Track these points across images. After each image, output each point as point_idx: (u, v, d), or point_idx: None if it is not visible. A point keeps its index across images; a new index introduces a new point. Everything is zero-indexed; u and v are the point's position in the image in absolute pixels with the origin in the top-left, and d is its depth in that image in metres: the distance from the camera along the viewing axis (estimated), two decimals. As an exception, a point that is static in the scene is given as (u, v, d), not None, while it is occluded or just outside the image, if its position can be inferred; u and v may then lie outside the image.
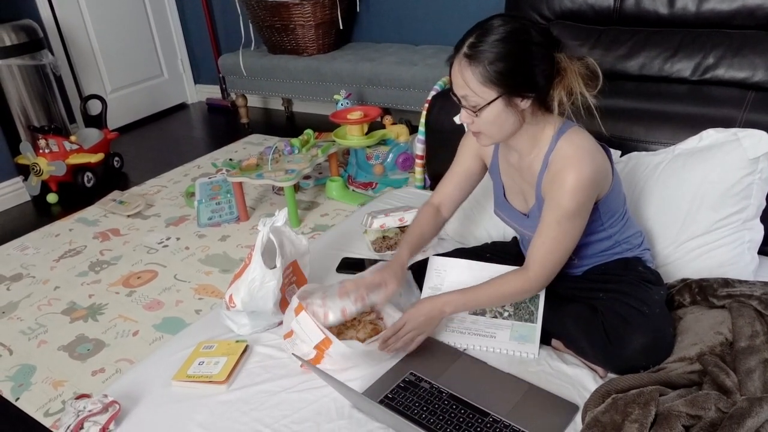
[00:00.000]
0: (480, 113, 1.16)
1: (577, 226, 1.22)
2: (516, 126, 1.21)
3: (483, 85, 1.13)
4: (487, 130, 1.20)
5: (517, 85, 1.14)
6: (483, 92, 1.14)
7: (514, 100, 1.16)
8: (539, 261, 1.25)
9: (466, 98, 1.16)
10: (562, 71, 1.18)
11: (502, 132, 1.21)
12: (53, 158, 2.91)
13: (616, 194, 1.31)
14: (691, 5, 1.96)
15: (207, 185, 2.70)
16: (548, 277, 1.27)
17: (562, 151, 1.21)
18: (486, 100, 1.14)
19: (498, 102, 1.15)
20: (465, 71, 1.14)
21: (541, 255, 1.24)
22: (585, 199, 1.19)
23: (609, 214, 1.30)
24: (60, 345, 1.92)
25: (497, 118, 1.17)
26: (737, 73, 1.83)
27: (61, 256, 2.45)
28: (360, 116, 2.62)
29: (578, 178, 1.17)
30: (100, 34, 3.77)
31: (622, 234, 1.35)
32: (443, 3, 3.24)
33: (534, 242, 1.26)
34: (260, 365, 1.36)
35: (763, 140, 1.41)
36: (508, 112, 1.17)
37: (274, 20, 3.36)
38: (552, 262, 1.25)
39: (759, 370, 1.06)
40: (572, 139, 1.21)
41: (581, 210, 1.20)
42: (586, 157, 1.18)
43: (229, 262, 2.28)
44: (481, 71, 1.12)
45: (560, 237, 1.22)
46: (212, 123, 4.08)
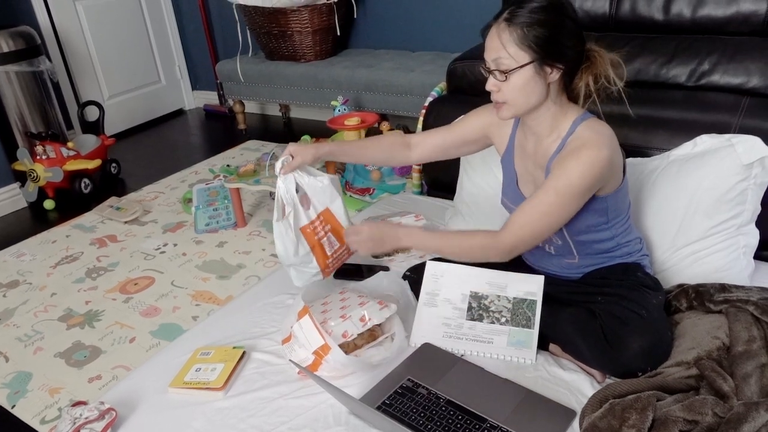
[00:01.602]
0: (510, 76, 1.19)
1: (571, 205, 1.21)
2: (540, 98, 1.23)
3: (519, 47, 1.16)
4: (513, 97, 1.22)
5: (550, 53, 1.17)
6: (517, 54, 1.17)
7: (544, 69, 1.19)
8: (517, 222, 1.23)
9: (499, 61, 1.19)
10: (592, 57, 1.23)
11: (527, 102, 1.22)
12: (50, 164, 2.91)
13: (623, 195, 1.32)
14: (687, 11, 1.97)
15: (204, 191, 2.70)
16: (518, 244, 1.24)
17: (582, 134, 1.23)
18: (519, 62, 1.17)
19: (530, 67, 1.18)
20: (503, 33, 1.17)
21: (522, 218, 1.23)
22: (592, 180, 1.19)
23: (615, 213, 1.31)
24: (56, 352, 1.91)
25: (526, 84, 1.19)
26: (732, 79, 1.83)
27: (57, 263, 2.44)
28: (357, 122, 2.63)
29: (595, 156, 1.18)
30: (97, 41, 3.77)
31: (624, 237, 1.36)
32: (440, 10, 3.25)
33: (521, 205, 1.25)
34: (257, 371, 1.35)
35: (756, 146, 1.42)
36: (537, 81, 1.19)
37: (271, 27, 3.37)
38: (529, 230, 1.23)
39: (756, 374, 1.06)
40: (592, 126, 1.24)
41: (583, 190, 1.19)
42: (606, 141, 1.20)
43: (227, 268, 2.28)
44: (519, 33, 1.16)
45: (553, 206, 1.20)
46: (210, 129, 4.09)
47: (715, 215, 1.45)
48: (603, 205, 1.28)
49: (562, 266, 1.41)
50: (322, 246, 1.47)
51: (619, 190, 1.28)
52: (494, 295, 1.40)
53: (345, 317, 1.34)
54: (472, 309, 1.39)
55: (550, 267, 1.43)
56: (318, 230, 1.46)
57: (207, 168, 3.27)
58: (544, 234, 1.25)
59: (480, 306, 1.39)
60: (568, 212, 1.23)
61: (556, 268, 1.43)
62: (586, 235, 1.31)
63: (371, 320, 1.34)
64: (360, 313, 1.34)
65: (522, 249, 1.27)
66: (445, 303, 1.42)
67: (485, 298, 1.40)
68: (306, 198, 1.47)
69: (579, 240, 1.33)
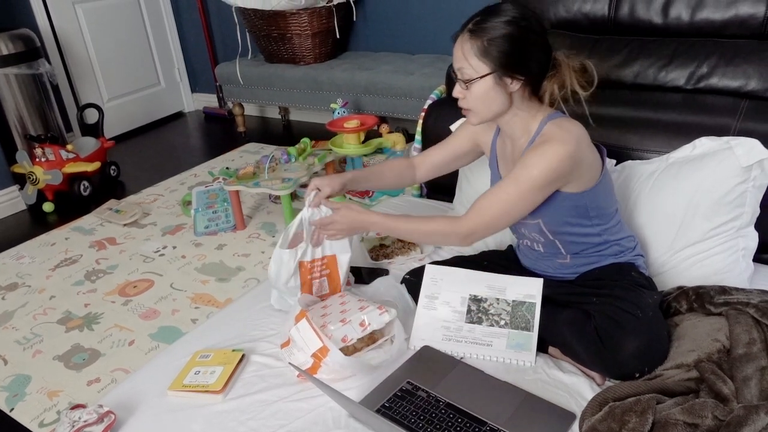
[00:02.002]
0: (471, 86, 1.24)
1: (529, 198, 1.24)
2: (503, 107, 1.27)
3: (478, 58, 1.21)
4: (476, 106, 1.27)
5: (510, 65, 1.21)
6: (477, 65, 1.22)
7: (504, 80, 1.23)
8: (477, 208, 1.28)
9: (462, 71, 1.24)
10: (557, 66, 1.26)
11: (489, 110, 1.27)
12: (50, 167, 2.91)
13: (604, 191, 1.33)
14: (685, 15, 1.98)
15: (204, 194, 2.70)
16: (477, 229, 1.28)
17: (547, 131, 1.26)
18: (479, 73, 1.22)
19: (489, 78, 1.22)
20: (465, 44, 1.22)
21: (483, 204, 1.28)
22: (552, 174, 1.22)
23: (597, 211, 1.32)
24: (55, 354, 1.91)
25: (486, 94, 1.24)
26: (731, 82, 1.84)
27: (56, 265, 2.44)
28: (357, 125, 2.63)
29: (556, 151, 1.21)
30: (97, 43, 3.78)
31: (613, 234, 1.37)
32: (439, 13, 3.26)
33: (484, 193, 1.29)
34: (257, 374, 1.35)
35: (755, 148, 1.42)
36: (497, 91, 1.24)
37: (271, 29, 3.38)
38: (488, 216, 1.27)
39: (756, 377, 1.06)
40: (560, 123, 1.26)
41: (543, 182, 1.22)
42: (571, 138, 1.23)
43: (226, 271, 2.28)
44: (479, 45, 1.20)
45: (511, 196, 1.25)
46: (209, 132, 4.09)
47: (714, 217, 1.45)
48: (580, 202, 1.30)
49: (555, 267, 1.42)
50: (311, 286, 1.48)
51: (596, 187, 1.30)
52: (493, 298, 1.40)
53: (345, 321, 1.34)
54: (471, 312, 1.39)
55: (546, 269, 1.44)
56: (315, 270, 1.48)
57: (206, 170, 3.27)
58: (502, 221, 1.28)
59: (479, 309, 1.39)
60: (527, 203, 1.26)
61: (550, 270, 1.43)
62: (568, 230, 1.33)
63: (371, 325, 1.33)
64: (360, 318, 1.34)
65: (480, 234, 1.31)
66: (444, 306, 1.42)
67: (484, 301, 1.40)
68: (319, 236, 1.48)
69: (561, 237, 1.35)
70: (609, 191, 1.36)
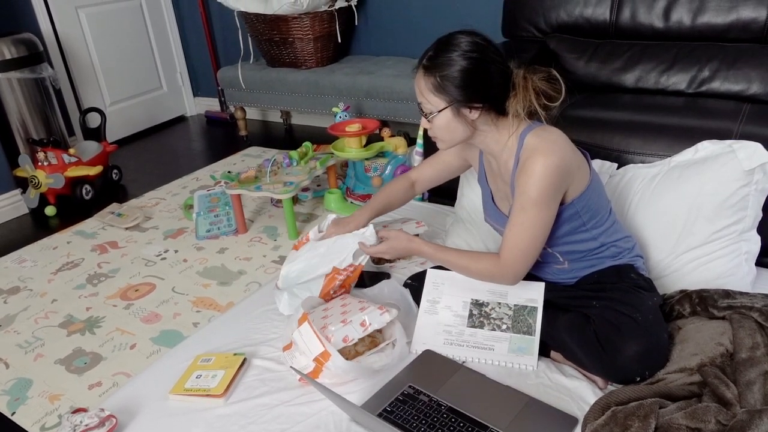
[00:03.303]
0: (432, 120, 1.27)
1: (542, 215, 1.25)
2: (466, 134, 1.29)
3: (434, 94, 1.24)
4: (441, 135, 1.30)
5: (466, 97, 1.23)
6: (434, 101, 1.24)
7: (462, 111, 1.25)
8: (508, 247, 1.30)
9: (422, 105, 1.28)
10: (517, 86, 1.25)
11: (453, 138, 1.30)
12: (52, 171, 2.91)
13: (595, 195, 1.33)
14: (686, 19, 1.98)
15: (205, 197, 2.70)
16: (517, 265, 1.29)
17: (530, 145, 1.26)
18: (437, 108, 1.25)
19: (447, 111, 1.25)
20: (420, 81, 1.25)
21: (510, 242, 1.29)
22: (549, 188, 1.22)
23: (590, 214, 1.32)
24: (57, 358, 1.91)
25: (447, 125, 1.27)
26: (733, 86, 1.84)
27: (58, 269, 2.44)
28: (358, 129, 2.63)
29: (543, 165, 1.21)
30: (99, 48, 3.79)
31: (610, 236, 1.36)
32: (441, 16, 3.27)
33: (504, 234, 1.31)
34: (258, 378, 1.35)
35: (758, 152, 1.42)
36: (458, 121, 1.26)
37: (272, 34, 3.38)
38: (520, 250, 1.28)
39: (759, 382, 1.06)
40: (539, 134, 1.26)
41: (546, 198, 1.23)
42: (553, 147, 1.23)
43: (228, 275, 2.28)
44: (433, 81, 1.23)
45: (526, 223, 1.25)
46: (211, 135, 4.10)
47: (716, 221, 1.45)
48: (572, 210, 1.30)
49: (554, 273, 1.42)
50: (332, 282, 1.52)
51: (586, 192, 1.30)
52: (495, 302, 1.39)
53: (345, 322, 1.33)
54: (473, 316, 1.39)
55: (545, 275, 1.44)
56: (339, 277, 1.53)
57: (208, 174, 3.27)
58: (534, 249, 1.29)
59: (481, 313, 1.39)
60: (543, 221, 1.26)
61: (550, 276, 1.43)
62: (564, 239, 1.33)
63: (372, 325, 1.33)
64: (360, 318, 1.34)
65: (523, 269, 1.31)
66: (445, 310, 1.42)
67: (486, 305, 1.40)
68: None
69: (559, 248, 1.36)
70: (600, 193, 1.35)
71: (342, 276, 1.51)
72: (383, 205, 1.62)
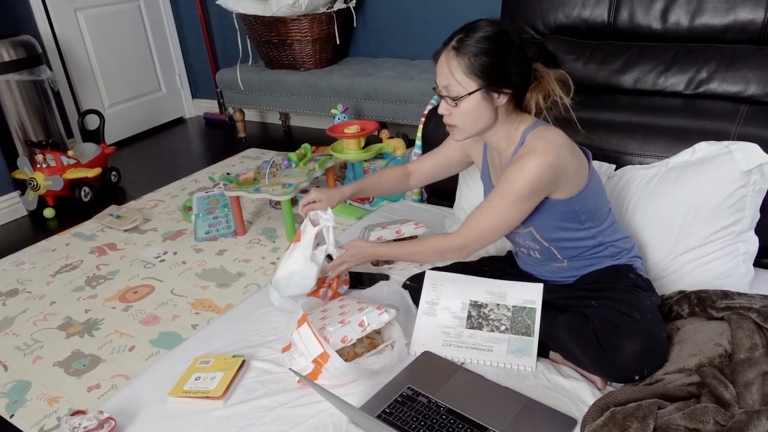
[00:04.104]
0: (459, 103, 1.25)
1: (515, 209, 1.27)
2: (490, 121, 1.29)
3: (466, 75, 1.23)
4: (463, 122, 1.29)
5: (497, 80, 1.24)
6: (465, 82, 1.23)
7: (491, 95, 1.25)
8: (468, 222, 1.34)
9: (449, 88, 1.26)
10: (539, 77, 1.29)
11: (476, 125, 1.30)
12: (50, 173, 2.92)
13: (594, 194, 1.34)
14: (684, 20, 1.98)
15: (204, 199, 2.70)
16: (469, 242, 1.34)
17: (529, 143, 1.28)
18: (467, 90, 1.24)
19: (477, 94, 1.24)
20: (452, 61, 1.24)
21: (473, 218, 1.33)
22: (534, 185, 1.24)
23: (588, 214, 1.33)
24: (55, 361, 1.91)
25: (474, 110, 1.26)
26: (730, 87, 1.84)
27: (57, 271, 2.44)
28: (357, 130, 2.64)
29: (536, 162, 1.22)
30: (98, 50, 3.79)
31: (608, 236, 1.37)
32: (439, 18, 3.27)
33: (475, 209, 1.33)
34: (257, 380, 1.35)
35: (755, 153, 1.42)
36: (485, 106, 1.26)
37: (271, 35, 3.39)
38: (479, 229, 1.32)
39: (758, 382, 1.06)
40: (540, 134, 1.28)
41: (526, 194, 1.25)
42: (552, 148, 1.24)
43: (226, 276, 2.28)
44: (466, 62, 1.22)
45: (496, 209, 1.28)
46: (210, 137, 4.10)
47: (714, 222, 1.45)
48: (569, 207, 1.31)
49: (554, 272, 1.43)
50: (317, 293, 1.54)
51: (584, 191, 1.31)
52: (494, 303, 1.39)
53: (344, 322, 1.33)
54: (471, 317, 1.39)
55: (544, 274, 1.45)
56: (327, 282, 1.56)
57: (207, 176, 3.27)
58: (492, 234, 1.33)
59: (479, 314, 1.39)
60: (515, 214, 1.29)
61: (549, 275, 1.44)
62: (561, 235, 1.34)
63: (370, 325, 1.33)
64: (359, 319, 1.34)
65: (473, 247, 1.36)
66: (444, 311, 1.42)
67: (485, 306, 1.40)
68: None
69: (556, 243, 1.36)
70: (599, 193, 1.36)
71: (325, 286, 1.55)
72: (370, 185, 1.63)
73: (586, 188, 1.31)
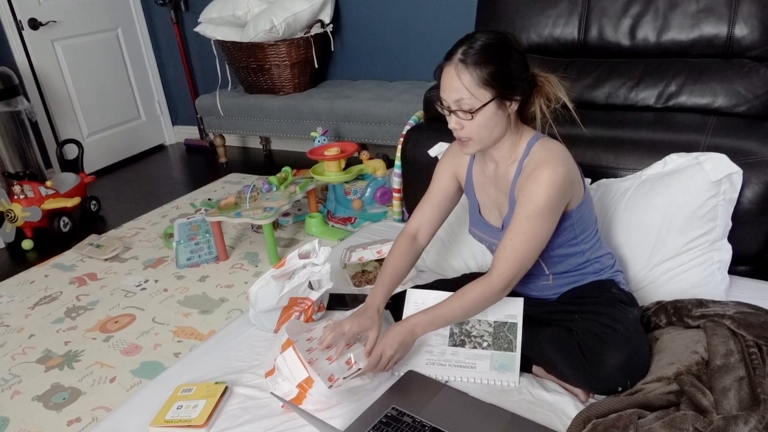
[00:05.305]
0: (475, 116, 1.22)
1: (545, 226, 1.25)
2: (503, 130, 1.28)
3: (479, 86, 1.20)
4: (478, 133, 1.25)
5: (508, 87, 1.22)
6: (479, 94, 1.21)
7: (504, 103, 1.24)
8: (504, 259, 1.27)
9: (461, 102, 1.22)
10: (539, 82, 1.28)
11: (491, 136, 1.27)
12: (28, 204, 2.88)
13: (588, 209, 1.35)
14: (652, 36, 2.04)
15: (186, 226, 2.69)
16: (511, 278, 1.28)
17: (536, 155, 1.27)
18: (482, 101, 1.21)
19: (492, 104, 1.22)
20: (462, 74, 1.20)
21: (507, 253, 1.27)
22: (556, 197, 1.23)
23: (582, 228, 1.34)
24: (34, 395, 1.87)
25: (489, 120, 1.24)
26: (699, 100, 1.89)
27: (36, 303, 2.40)
28: (337, 152, 2.65)
29: (552, 174, 1.22)
30: (76, 79, 3.79)
31: (594, 252, 1.38)
32: (415, 40, 3.32)
33: (501, 242, 1.29)
34: (240, 406, 1.33)
35: (723, 163, 1.46)
36: (499, 115, 1.25)
37: (250, 61, 3.41)
38: (517, 261, 1.27)
39: (734, 388, 1.07)
40: (545, 145, 1.28)
41: (551, 208, 1.24)
42: (560, 159, 1.25)
43: (209, 303, 2.26)
44: (478, 73, 1.19)
45: (528, 233, 1.25)
46: (191, 163, 4.09)
47: (688, 231, 1.48)
48: (569, 221, 1.32)
49: (538, 289, 1.43)
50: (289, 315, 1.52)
51: (582, 204, 1.32)
52: (475, 319, 1.40)
53: (331, 359, 1.33)
54: (454, 335, 1.39)
55: (528, 291, 1.45)
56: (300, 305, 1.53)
57: (188, 202, 3.26)
58: (530, 260, 1.29)
59: (462, 331, 1.39)
60: (545, 233, 1.27)
61: (533, 292, 1.44)
62: (557, 250, 1.34)
63: (357, 363, 1.33)
64: (346, 356, 1.34)
65: (515, 282, 1.31)
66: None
67: (467, 323, 1.40)
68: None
69: (550, 258, 1.36)
70: (591, 208, 1.38)
71: (299, 308, 1.52)
72: (390, 277, 1.44)
73: (583, 202, 1.32)
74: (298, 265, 1.55)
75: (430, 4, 3.20)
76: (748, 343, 1.17)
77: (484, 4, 2.37)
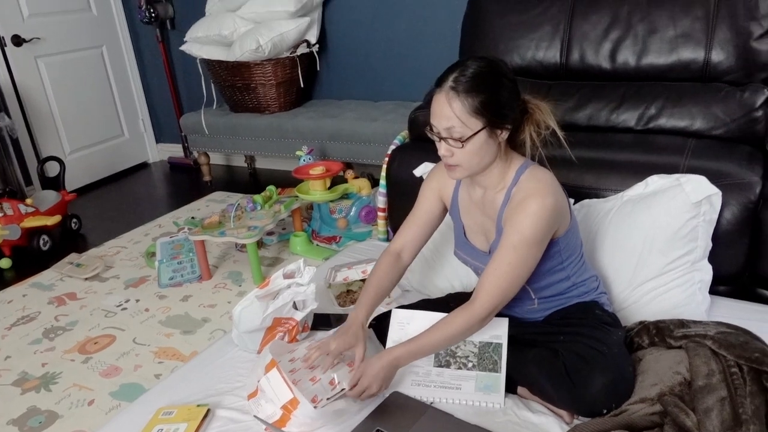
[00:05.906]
0: (465, 144, 1.22)
1: (531, 256, 1.25)
2: (492, 158, 1.28)
3: (470, 115, 1.20)
4: (468, 161, 1.25)
5: (499, 116, 1.22)
6: (470, 122, 1.20)
7: (495, 131, 1.24)
8: (487, 288, 1.26)
9: (452, 130, 1.21)
10: (530, 109, 1.28)
11: (480, 163, 1.27)
12: (7, 222, 2.83)
13: (574, 234, 1.36)
14: (632, 60, 2.08)
15: (168, 244, 2.66)
16: (494, 307, 1.28)
17: (525, 184, 1.27)
18: (473, 130, 1.21)
19: (483, 132, 1.22)
20: (453, 102, 1.20)
21: (491, 282, 1.26)
22: (544, 228, 1.23)
23: (568, 253, 1.34)
24: (9, 419, 1.82)
25: (480, 149, 1.23)
26: (678, 122, 1.93)
27: (13, 324, 2.35)
28: (322, 171, 2.65)
29: (541, 206, 1.22)
30: (59, 96, 3.76)
31: (579, 276, 1.39)
32: (401, 61, 3.36)
33: (485, 270, 1.28)
34: (222, 429, 1.31)
35: (703, 184, 1.48)
36: (489, 143, 1.24)
37: (235, 80, 3.42)
38: (501, 290, 1.26)
39: (716, 408, 1.08)
40: (534, 174, 1.29)
41: (538, 239, 1.24)
42: (549, 189, 1.25)
43: (191, 323, 2.23)
44: (470, 102, 1.19)
45: (514, 263, 1.24)
46: (174, 181, 4.06)
47: (669, 252, 1.50)
48: (556, 248, 1.32)
49: (523, 311, 1.43)
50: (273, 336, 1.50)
51: (569, 230, 1.33)
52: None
53: (315, 380, 1.32)
54: (439, 355, 1.39)
55: (513, 313, 1.45)
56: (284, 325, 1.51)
57: (171, 221, 3.23)
58: (514, 290, 1.29)
59: (447, 352, 1.39)
60: (530, 263, 1.27)
61: (518, 314, 1.44)
62: (544, 277, 1.34)
63: (340, 384, 1.32)
64: (329, 376, 1.33)
65: (497, 310, 1.30)
66: (412, 350, 1.41)
67: (452, 343, 1.40)
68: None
69: (536, 283, 1.36)
70: (577, 233, 1.39)
71: (283, 329, 1.50)
72: (374, 294, 1.44)
73: (569, 229, 1.33)
74: (282, 285, 1.54)
75: (416, 26, 3.25)
76: (729, 363, 1.18)
77: (468, 26, 2.41)
